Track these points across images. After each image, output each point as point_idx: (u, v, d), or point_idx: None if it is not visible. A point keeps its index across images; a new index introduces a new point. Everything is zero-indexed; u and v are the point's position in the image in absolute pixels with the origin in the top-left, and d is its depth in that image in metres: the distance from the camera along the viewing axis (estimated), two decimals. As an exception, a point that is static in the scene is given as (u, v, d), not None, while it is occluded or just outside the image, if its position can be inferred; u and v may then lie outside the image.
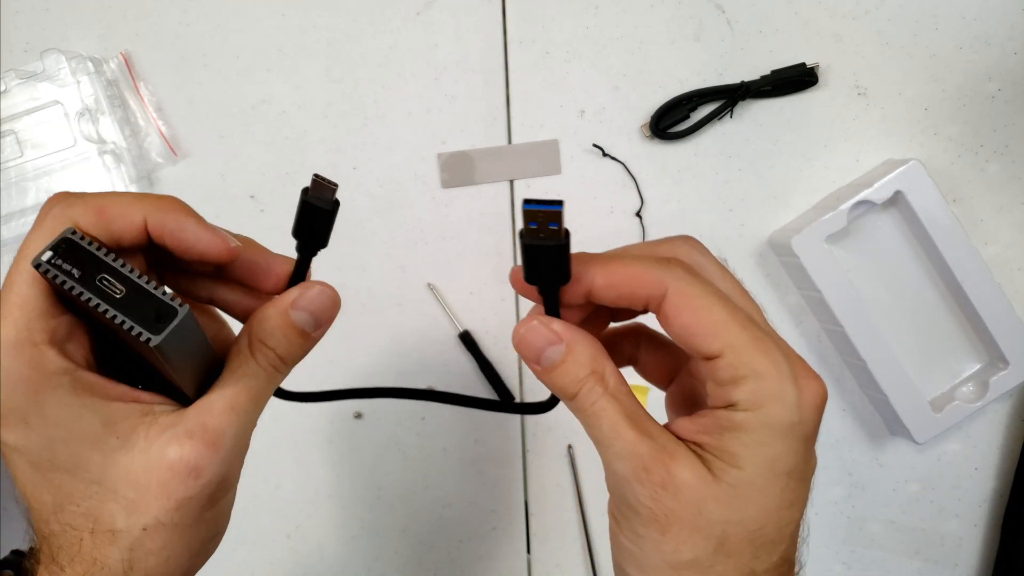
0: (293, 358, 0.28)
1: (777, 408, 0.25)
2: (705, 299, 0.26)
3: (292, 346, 0.28)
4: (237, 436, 0.27)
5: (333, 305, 0.29)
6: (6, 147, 0.53)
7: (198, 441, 0.26)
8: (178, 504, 0.26)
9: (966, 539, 0.55)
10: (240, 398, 0.27)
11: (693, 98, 0.53)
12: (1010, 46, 0.52)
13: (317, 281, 0.29)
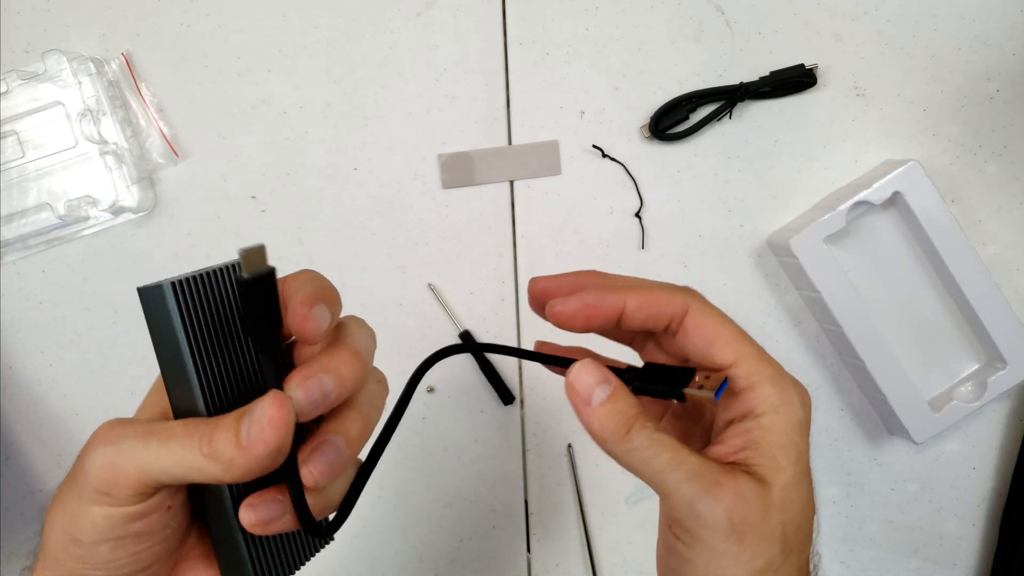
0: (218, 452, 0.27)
1: (792, 408, 0.29)
2: (720, 318, 0.30)
3: (221, 442, 0.27)
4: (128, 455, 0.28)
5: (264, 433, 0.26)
6: (7, 147, 0.53)
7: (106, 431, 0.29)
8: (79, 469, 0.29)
9: (964, 539, 0.56)
10: (156, 429, 0.28)
11: (693, 99, 0.53)
12: (1009, 47, 0.52)
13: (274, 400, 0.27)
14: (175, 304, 0.27)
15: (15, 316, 0.56)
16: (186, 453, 0.27)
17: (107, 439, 0.29)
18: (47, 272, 0.55)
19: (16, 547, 0.57)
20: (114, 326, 0.56)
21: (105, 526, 0.28)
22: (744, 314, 0.55)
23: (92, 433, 0.29)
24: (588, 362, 0.30)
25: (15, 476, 0.56)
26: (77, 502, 0.28)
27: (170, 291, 0.26)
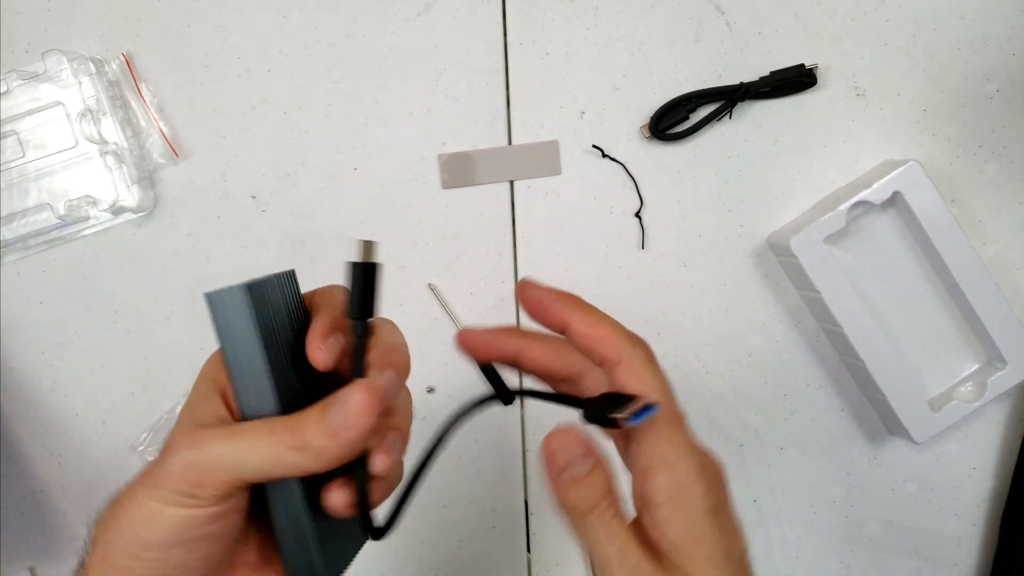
0: (307, 442, 0.29)
1: (692, 497, 0.28)
2: (650, 380, 0.31)
3: (311, 434, 0.29)
4: (212, 457, 0.29)
5: (359, 419, 0.29)
6: (8, 148, 0.53)
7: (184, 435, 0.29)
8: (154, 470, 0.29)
9: (964, 538, 0.56)
10: (237, 430, 0.29)
11: (692, 99, 0.53)
12: (1008, 47, 0.52)
13: (363, 389, 0.30)
14: (251, 306, 0.28)
15: (15, 316, 0.56)
16: (274, 448, 0.29)
17: (191, 443, 0.29)
18: (47, 272, 0.55)
19: (16, 547, 0.57)
20: (114, 326, 0.56)
21: (183, 527, 0.28)
22: (744, 314, 0.55)
23: (170, 440, 0.30)
24: (571, 432, 0.30)
25: (15, 476, 0.56)
26: (155, 504, 0.28)
27: (246, 294, 0.28)
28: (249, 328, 0.29)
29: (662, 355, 0.57)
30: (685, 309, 0.55)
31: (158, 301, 0.56)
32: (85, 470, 0.56)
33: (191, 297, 0.56)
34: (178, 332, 0.56)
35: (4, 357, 0.56)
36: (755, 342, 0.55)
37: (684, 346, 0.55)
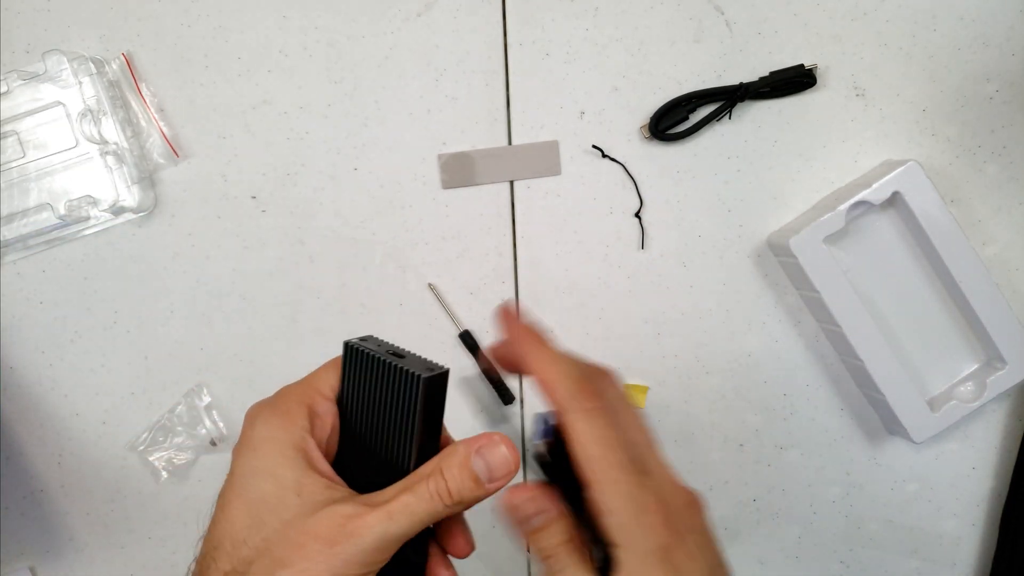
0: (461, 497, 0.31)
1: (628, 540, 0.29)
2: (586, 438, 0.30)
3: (463, 487, 0.31)
4: (381, 537, 0.29)
5: (508, 468, 0.31)
6: (8, 148, 0.53)
7: (348, 522, 0.29)
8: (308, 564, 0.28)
9: (964, 538, 0.56)
10: (396, 506, 0.30)
11: (692, 99, 0.53)
12: (1008, 47, 0.53)
13: (502, 438, 0.32)
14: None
15: (15, 316, 0.56)
16: (431, 506, 0.30)
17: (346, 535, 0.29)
18: (47, 272, 0.55)
19: (16, 547, 0.57)
20: (114, 326, 0.56)
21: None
22: (744, 314, 0.55)
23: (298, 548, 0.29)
24: (528, 490, 0.32)
25: (15, 476, 0.56)
26: None
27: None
28: (440, 406, 0.33)
29: (662, 355, 0.57)
30: (685, 309, 0.55)
31: (158, 301, 0.56)
32: (85, 470, 0.56)
33: (191, 297, 0.56)
34: (178, 332, 0.56)
35: (4, 357, 0.56)
36: (755, 342, 0.55)
37: (684, 346, 0.55)
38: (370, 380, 0.33)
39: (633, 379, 0.56)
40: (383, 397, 0.33)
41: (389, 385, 0.32)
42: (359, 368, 0.33)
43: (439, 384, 0.32)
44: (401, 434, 0.33)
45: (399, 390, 0.32)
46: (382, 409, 0.33)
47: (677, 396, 0.56)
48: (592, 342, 0.55)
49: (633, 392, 0.55)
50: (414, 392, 0.32)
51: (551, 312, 0.55)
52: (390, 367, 0.32)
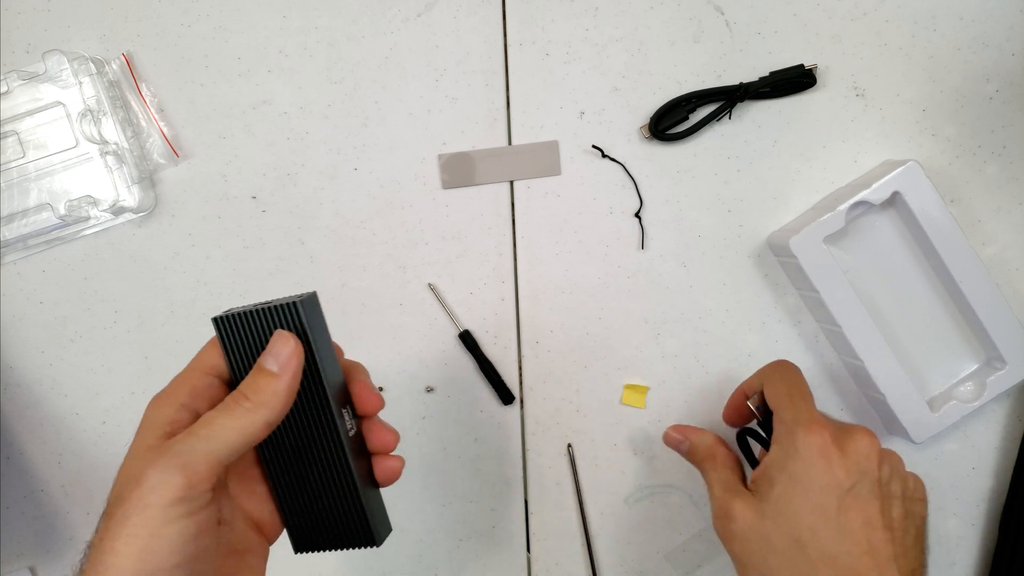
0: (258, 393, 0.33)
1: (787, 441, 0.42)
2: (783, 379, 0.45)
3: (259, 384, 0.33)
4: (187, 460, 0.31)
5: (288, 344, 0.34)
6: (8, 148, 0.54)
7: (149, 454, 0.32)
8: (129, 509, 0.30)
9: (964, 538, 0.56)
10: (198, 426, 0.32)
11: (692, 99, 0.53)
12: (1008, 47, 0.53)
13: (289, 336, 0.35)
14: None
15: (15, 316, 0.56)
16: (236, 418, 0.32)
17: (157, 455, 0.30)
18: (47, 272, 0.55)
19: (16, 546, 0.57)
20: (114, 326, 0.56)
21: (181, 543, 0.29)
22: (744, 314, 0.55)
23: (130, 463, 0.32)
24: (673, 427, 0.50)
25: (15, 476, 0.56)
26: (148, 530, 0.28)
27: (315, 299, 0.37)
28: (323, 325, 0.37)
29: (662, 355, 0.58)
30: (685, 309, 0.55)
31: (158, 301, 0.56)
32: (85, 470, 0.56)
33: (191, 297, 0.56)
34: (178, 332, 0.56)
35: (4, 357, 0.56)
36: (755, 342, 0.55)
37: (684, 346, 0.55)
38: (250, 337, 0.35)
39: (633, 379, 0.56)
40: None
41: (270, 330, 0.35)
42: (236, 333, 0.36)
43: (313, 303, 0.36)
44: (308, 372, 0.35)
45: (283, 326, 0.35)
46: None
47: (677, 396, 0.56)
48: (592, 342, 0.55)
49: (633, 392, 0.55)
50: (296, 318, 0.35)
51: (551, 312, 0.55)
52: (264, 312, 0.35)
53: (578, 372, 0.56)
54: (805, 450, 0.40)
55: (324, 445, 0.37)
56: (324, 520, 0.38)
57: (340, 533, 0.38)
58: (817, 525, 0.39)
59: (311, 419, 0.37)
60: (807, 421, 0.41)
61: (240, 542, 0.36)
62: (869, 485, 0.40)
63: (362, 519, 0.37)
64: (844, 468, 0.40)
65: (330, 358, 0.37)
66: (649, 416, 0.56)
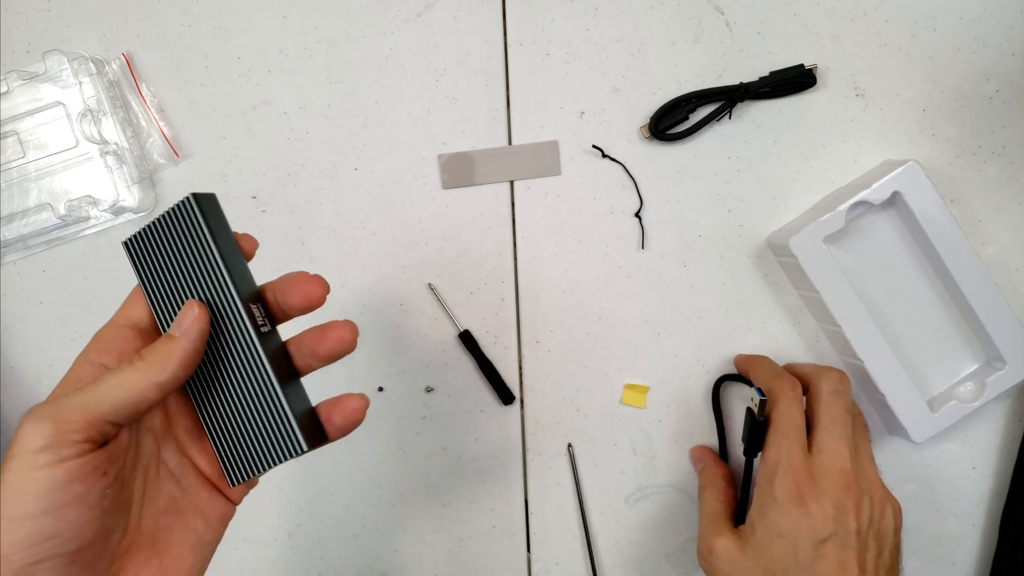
0: (153, 354, 0.33)
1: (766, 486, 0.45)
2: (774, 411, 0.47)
3: (155, 345, 0.33)
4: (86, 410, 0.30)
5: (192, 311, 0.34)
6: (8, 148, 0.54)
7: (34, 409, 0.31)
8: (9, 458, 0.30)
9: (964, 539, 0.56)
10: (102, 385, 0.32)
11: (692, 99, 0.53)
12: (1008, 47, 0.53)
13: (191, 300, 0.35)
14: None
15: (15, 316, 0.56)
16: (123, 376, 0.31)
17: (36, 407, 0.30)
18: (48, 272, 0.55)
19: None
20: (114, 326, 0.56)
21: (47, 488, 0.28)
22: (744, 314, 0.55)
23: None
24: (697, 449, 0.55)
25: (15, 476, 0.56)
26: (16, 475, 0.28)
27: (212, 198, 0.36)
28: (223, 220, 0.36)
29: (662, 355, 0.58)
30: (685, 309, 0.55)
31: (158, 301, 0.56)
32: (85, 470, 0.56)
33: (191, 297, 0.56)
34: (178, 332, 0.56)
35: (4, 357, 0.56)
36: (754, 342, 0.55)
37: (684, 346, 0.55)
38: (160, 253, 0.35)
39: (633, 379, 0.56)
40: (176, 250, 0.35)
41: (173, 234, 0.35)
42: (146, 252, 0.35)
43: (209, 198, 0.35)
44: (209, 267, 0.35)
45: (182, 228, 0.35)
46: (182, 266, 0.35)
47: (677, 396, 0.56)
48: (592, 342, 0.55)
49: (633, 392, 0.55)
50: (194, 214, 0.34)
51: (551, 312, 0.55)
52: (163, 219, 0.35)
53: (578, 372, 0.56)
54: (783, 499, 0.43)
55: (239, 354, 0.34)
56: (251, 441, 0.35)
57: (268, 449, 0.34)
58: (791, 571, 0.42)
59: (223, 329, 0.35)
60: (786, 468, 0.44)
61: (185, 500, 0.35)
62: (845, 535, 0.42)
63: (287, 425, 0.34)
64: (821, 517, 0.42)
65: (235, 258, 0.35)
66: (649, 416, 0.56)
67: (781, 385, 0.47)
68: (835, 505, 0.42)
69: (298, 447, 0.34)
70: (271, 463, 0.34)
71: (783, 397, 0.46)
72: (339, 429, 0.35)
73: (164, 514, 0.34)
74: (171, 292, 0.35)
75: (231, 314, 0.34)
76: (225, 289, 0.34)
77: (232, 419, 0.35)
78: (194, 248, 0.34)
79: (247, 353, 0.34)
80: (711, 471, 0.52)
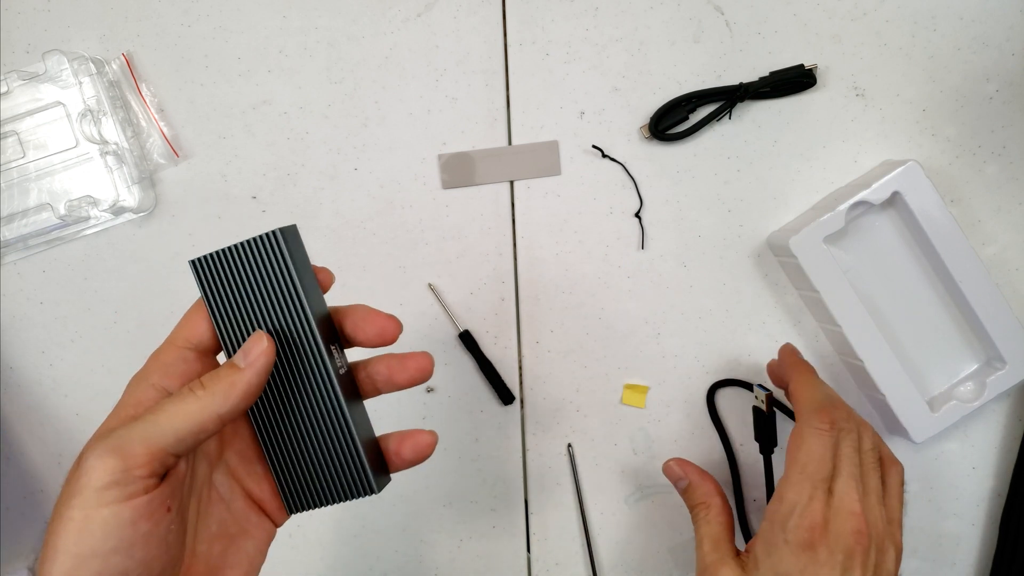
0: (215, 384, 0.32)
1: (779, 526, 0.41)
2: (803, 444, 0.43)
3: (218, 374, 0.32)
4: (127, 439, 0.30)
5: (260, 343, 0.33)
6: (8, 148, 0.54)
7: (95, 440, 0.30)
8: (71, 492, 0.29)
9: (964, 538, 0.56)
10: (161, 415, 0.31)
11: (692, 99, 0.53)
12: (1008, 47, 0.53)
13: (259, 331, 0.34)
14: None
15: (15, 316, 0.56)
16: (184, 405, 0.30)
17: (98, 437, 0.30)
18: (48, 272, 0.55)
19: (16, 547, 0.57)
20: (114, 326, 0.56)
21: (115, 526, 0.28)
22: (744, 314, 0.55)
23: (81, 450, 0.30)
24: (672, 463, 0.51)
25: (15, 476, 0.56)
26: (83, 512, 0.28)
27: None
28: (305, 256, 0.36)
29: (662, 355, 0.58)
30: (685, 309, 0.55)
31: (158, 301, 0.56)
32: (85, 470, 0.56)
33: (191, 297, 0.56)
34: (178, 332, 0.56)
35: (4, 357, 0.56)
36: (754, 342, 0.55)
37: (684, 346, 0.55)
38: (232, 279, 0.34)
39: (633, 379, 0.56)
40: (253, 279, 0.34)
41: (252, 263, 0.34)
42: (216, 276, 0.35)
43: (293, 234, 0.35)
44: (289, 300, 0.34)
45: (263, 260, 0.34)
46: (258, 295, 0.34)
47: (677, 396, 0.56)
48: (592, 342, 0.55)
49: (633, 392, 0.55)
50: (278, 249, 0.34)
51: (551, 312, 0.55)
52: (244, 247, 0.34)
53: (578, 372, 0.56)
54: (796, 543, 0.40)
55: (313, 388, 0.34)
56: (317, 473, 0.35)
57: (335, 485, 0.35)
58: None
59: (297, 361, 0.34)
60: (804, 511, 0.40)
61: (235, 524, 0.35)
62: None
63: (359, 466, 0.35)
64: (829, 564, 0.40)
65: (314, 291, 0.35)
66: (649, 416, 0.56)
67: (816, 417, 0.43)
68: (844, 552, 0.40)
69: (368, 489, 0.35)
70: (337, 499, 0.35)
71: (819, 434, 0.43)
72: (406, 463, 0.36)
73: (216, 539, 0.34)
74: (240, 318, 0.35)
75: (308, 349, 0.34)
76: (304, 324, 0.34)
77: (298, 448, 0.35)
78: (275, 281, 0.34)
79: (322, 388, 0.34)
80: (703, 488, 0.48)
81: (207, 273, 0.35)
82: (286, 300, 0.34)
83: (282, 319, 0.34)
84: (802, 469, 0.42)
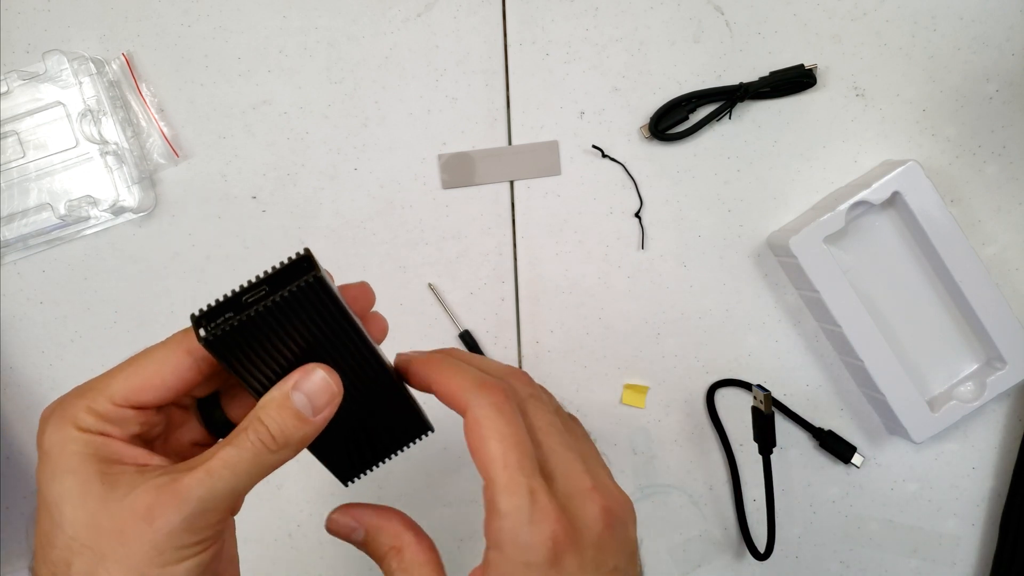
0: (286, 439, 0.29)
1: (515, 551, 0.29)
2: (487, 432, 0.30)
3: (286, 427, 0.29)
4: (206, 498, 0.28)
5: (329, 391, 0.30)
6: (8, 148, 0.54)
7: (162, 492, 0.27)
8: (131, 547, 0.27)
9: (964, 538, 0.56)
10: (216, 463, 0.28)
11: (692, 99, 0.53)
12: (1008, 47, 0.53)
13: (317, 364, 0.30)
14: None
15: (15, 316, 0.56)
16: (251, 458, 0.29)
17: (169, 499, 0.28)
18: (47, 272, 0.55)
19: (16, 547, 0.57)
20: (114, 326, 0.56)
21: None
22: (744, 314, 0.55)
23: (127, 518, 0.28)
24: (336, 516, 0.35)
25: (15, 476, 0.56)
26: (158, 571, 0.27)
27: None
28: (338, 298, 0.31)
29: (662, 355, 0.57)
30: (685, 309, 0.55)
31: (158, 301, 0.56)
32: (85, 470, 0.56)
33: (191, 297, 0.56)
34: (178, 332, 0.56)
35: (4, 357, 0.56)
36: (754, 342, 0.55)
37: (684, 346, 0.55)
38: (264, 344, 0.29)
39: (633, 379, 0.56)
40: (297, 337, 0.29)
41: (291, 321, 0.29)
42: (242, 345, 0.29)
43: (325, 281, 0.30)
44: (344, 346, 0.30)
45: (305, 314, 0.29)
46: (304, 346, 0.30)
47: (677, 396, 0.56)
48: (592, 342, 0.55)
49: (633, 392, 0.55)
50: (321, 298, 0.29)
51: (551, 312, 0.55)
52: (276, 305, 0.29)
53: (578, 372, 0.56)
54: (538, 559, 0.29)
55: (367, 379, 0.32)
56: (371, 437, 0.34)
57: (394, 438, 0.34)
58: None
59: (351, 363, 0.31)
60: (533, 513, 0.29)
61: (232, 548, 0.34)
62: None
63: (415, 414, 0.34)
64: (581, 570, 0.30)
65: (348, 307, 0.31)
66: (649, 416, 0.56)
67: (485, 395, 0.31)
68: (595, 546, 0.30)
69: (428, 429, 0.35)
70: (400, 448, 0.35)
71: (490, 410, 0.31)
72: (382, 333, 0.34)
73: (230, 564, 0.34)
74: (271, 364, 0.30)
75: (365, 357, 0.32)
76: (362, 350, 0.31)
77: (349, 427, 0.33)
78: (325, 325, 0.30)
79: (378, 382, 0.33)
80: (387, 529, 0.34)
81: (229, 347, 0.29)
82: (339, 338, 0.30)
83: (338, 349, 0.31)
84: (502, 463, 0.29)
